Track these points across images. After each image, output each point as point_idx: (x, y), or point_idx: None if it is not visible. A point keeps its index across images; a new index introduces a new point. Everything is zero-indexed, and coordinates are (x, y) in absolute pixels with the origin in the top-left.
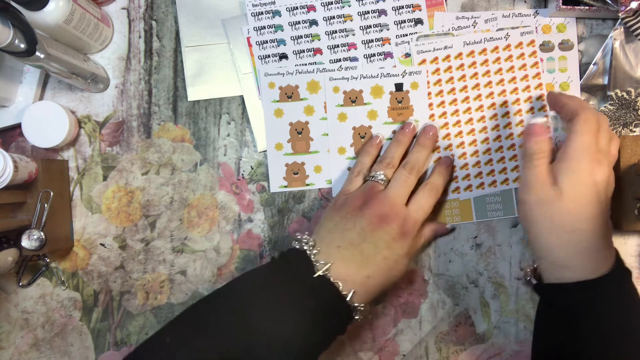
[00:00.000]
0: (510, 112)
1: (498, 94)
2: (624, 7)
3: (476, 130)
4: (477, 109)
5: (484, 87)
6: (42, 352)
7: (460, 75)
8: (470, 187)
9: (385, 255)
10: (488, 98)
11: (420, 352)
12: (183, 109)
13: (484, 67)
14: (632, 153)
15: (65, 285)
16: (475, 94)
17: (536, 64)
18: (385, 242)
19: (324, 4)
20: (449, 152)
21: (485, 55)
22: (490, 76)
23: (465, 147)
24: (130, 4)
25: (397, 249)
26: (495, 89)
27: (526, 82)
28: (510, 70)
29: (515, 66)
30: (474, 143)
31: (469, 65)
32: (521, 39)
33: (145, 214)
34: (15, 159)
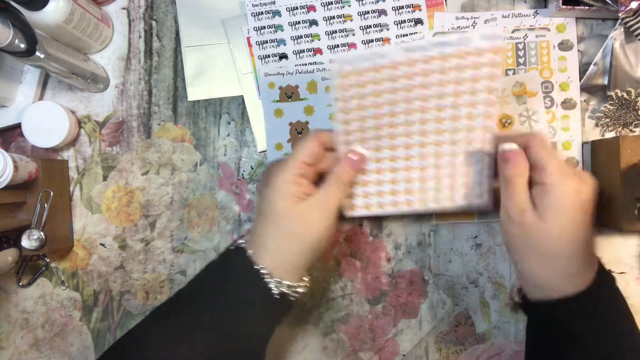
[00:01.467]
0: (445, 131)
1: (435, 109)
2: (624, 7)
3: (399, 147)
4: (404, 124)
5: (419, 101)
6: (42, 352)
7: (391, 87)
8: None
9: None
10: (421, 113)
11: (420, 352)
12: (183, 109)
13: (423, 78)
14: (632, 153)
15: (65, 285)
16: (402, 107)
17: (493, 77)
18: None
19: (324, 4)
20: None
21: (428, 64)
22: (429, 89)
23: (382, 163)
24: (130, 4)
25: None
26: (430, 103)
27: (472, 97)
28: (457, 83)
29: (466, 78)
30: (394, 160)
31: (405, 77)
32: (482, 44)
33: (145, 214)
34: (15, 159)
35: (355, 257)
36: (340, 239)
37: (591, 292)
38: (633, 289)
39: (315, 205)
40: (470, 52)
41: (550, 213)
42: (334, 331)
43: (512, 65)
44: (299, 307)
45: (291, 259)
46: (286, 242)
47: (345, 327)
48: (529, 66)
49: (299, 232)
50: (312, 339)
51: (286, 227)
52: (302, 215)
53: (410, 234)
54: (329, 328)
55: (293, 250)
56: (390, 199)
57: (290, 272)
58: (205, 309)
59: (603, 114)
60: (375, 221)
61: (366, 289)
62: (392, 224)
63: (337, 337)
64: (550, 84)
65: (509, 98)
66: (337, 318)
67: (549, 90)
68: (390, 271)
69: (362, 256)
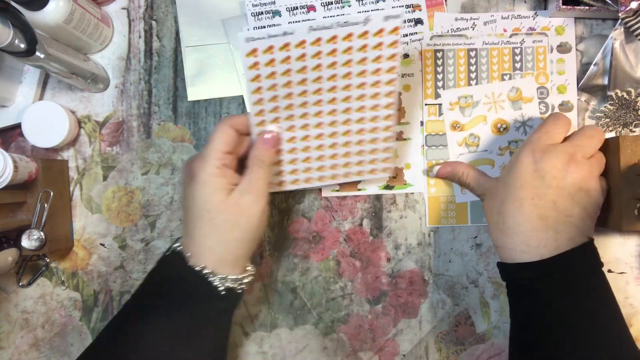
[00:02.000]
0: (351, 109)
1: (342, 88)
2: (624, 7)
3: (310, 126)
4: (315, 104)
5: (327, 81)
6: (42, 352)
7: (300, 67)
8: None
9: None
10: (330, 92)
11: (420, 352)
12: (183, 109)
13: (331, 57)
14: (632, 153)
15: (65, 285)
16: (314, 87)
17: (393, 56)
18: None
19: (324, 4)
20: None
21: (335, 43)
22: (337, 68)
23: (296, 142)
24: (130, 4)
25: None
26: (340, 82)
27: (376, 77)
28: (361, 62)
29: (369, 58)
30: (306, 139)
31: (312, 56)
32: (384, 24)
33: (145, 214)
34: (15, 159)
35: (355, 257)
36: (340, 239)
37: (571, 258)
38: (633, 289)
39: (244, 192)
40: (373, 32)
41: (501, 181)
42: (334, 331)
43: (508, 70)
44: (299, 307)
45: (232, 251)
46: (224, 236)
47: (345, 327)
48: (524, 71)
49: (235, 223)
50: (312, 339)
51: (222, 221)
52: (234, 206)
53: (411, 234)
54: (329, 328)
55: (233, 242)
56: (304, 176)
57: (233, 264)
58: (155, 319)
59: (603, 114)
60: (375, 221)
61: (366, 289)
62: (392, 224)
63: (337, 337)
64: (545, 90)
65: (504, 103)
66: (337, 318)
67: (544, 96)
68: (390, 271)
69: (362, 256)
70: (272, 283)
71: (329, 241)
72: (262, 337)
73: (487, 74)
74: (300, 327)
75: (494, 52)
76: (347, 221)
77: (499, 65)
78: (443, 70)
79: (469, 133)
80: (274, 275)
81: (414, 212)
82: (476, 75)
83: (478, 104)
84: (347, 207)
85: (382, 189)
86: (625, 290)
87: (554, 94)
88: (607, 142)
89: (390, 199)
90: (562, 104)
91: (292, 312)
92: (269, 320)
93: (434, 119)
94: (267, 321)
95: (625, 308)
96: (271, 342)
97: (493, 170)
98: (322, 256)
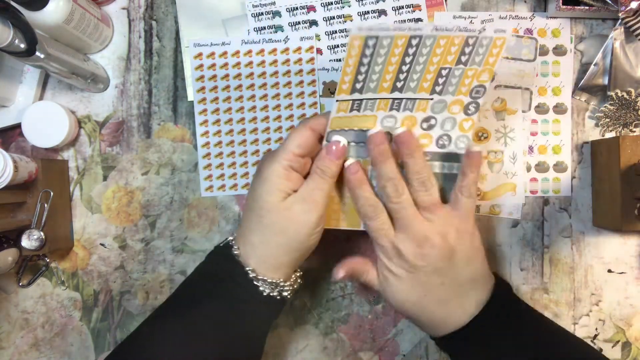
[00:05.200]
0: (282, 117)
1: (272, 97)
2: (624, 7)
3: (247, 131)
4: (250, 110)
5: (258, 89)
6: (42, 352)
7: (236, 73)
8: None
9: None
10: (262, 100)
11: (420, 352)
12: (183, 109)
13: (260, 68)
14: (632, 153)
15: (65, 285)
16: (249, 94)
17: (312, 71)
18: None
19: (324, 5)
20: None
21: (263, 56)
22: (266, 78)
23: (234, 146)
24: (130, 4)
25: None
26: (270, 91)
27: (300, 89)
28: (286, 74)
29: (292, 71)
30: (243, 143)
31: (245, 65)
32: (301, 43)
33: (145, 214)
34: (15, 159)
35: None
36: (340, 239)
37: (494, 312)
38: (633, 289)
39: (299, 199)
40: (293, 49)
41: (386, 286)
42: (334, 331)
43: (450, 64)
44: (299, 307)
45: (275, 255)
46: (270, 238)
47: (345, 327)
48: (469, 66)
49: (283, 228)
50: (312, 339)
51: (271, 222)
52: (286, 211)
53: None
54: (329, 328)
55: (277, 246)
56: (243, 181)
57: (275, 269)
58: (198, 315)
59: (603, 114)
60: None
61: (366, 289)
62: None
63: (337, 337)
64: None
65: (488, 112)
66: (337, 318)
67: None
68: None
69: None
70: None
71: (329, 241)
72: None
73: (416, 83)
74: (300, 327)
75: (442, 41)
76: None
77: (442, 57)
78: (370, 62)
79: None
80: None
81: None
82: (405, 77)
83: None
84: None
85: None
86: (625, 290)
87: (549, 95)
88: (607, 142)
89: None
90: (557, 105)
91: (292, 312)
92: None
93: (343, 115)
94: None
95: (626, 308)
96: (271, 342)
97: None
98: (322, 256)
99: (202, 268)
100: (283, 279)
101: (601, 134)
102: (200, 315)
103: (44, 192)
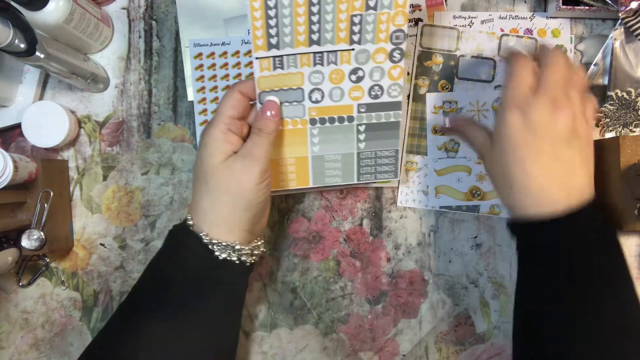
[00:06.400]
0: None
1: None
2: (624, 7)
3: None
4: None
5: None
6: (42, 352)
7: (236, 73)
8: None
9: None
10: None
11: (420, 352)
12: (183, 109)
13: None
14: (632, 153)
15: (65, 285)
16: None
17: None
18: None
19: None
20: None
21: None
22: None
23: None
24: (130, 4)
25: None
26: None
27: None
28: None
29: None
30: None
31: (245, 65)
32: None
33: (145, 214)
34: (15, 159)
35: (355, 257)
36: (340, 239)
37: (560, 219)
38: None
39: (239, 157)
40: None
41: (496, 144)
42: (334, 331)
43: (344, 41)
44: (299, 307)
45: (224, 216)
46: (217, 199)
47: (345, 327)
48: (363, 44)
49: (227, 186)
50: (312, 339)
51: (215, 183)
52: (228, 169)
53: (411, 234)
54: (329, 328)
55: (225, 206)
56: None
57: (229, 231)
58: (165, 295)
59: (603, 114)
60: (375, 221)
61: (366, 289)
62: (392, 224)
63: (337, 337)
64: None
65: (488, 112)
66: (337, 318)
67: None
68: (390, 271)
69: (362, 256)
70: (272, 283)
71: (329, 241)
72: (262, 337)
73: (332, 34)
74: (300, 327)
75: (342, 5)
76: (347, 221)
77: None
78: (277, 15)
79: (449, 138)
80: (274, 275)
81: (413, 212)
82: (319, 28)
83: (462, 110)
84: (347, 207)
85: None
86: None
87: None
88: (607, 142)
89: (390, 199)
90: None
91: (292, 312)
92: (269, 320)
93: (268, 74)
94: (267, 321)
95: None
96: (271, 342)
97: (469, 178)
98: (322, 256)
99: (162, 248)
100: (239, 241)
101: (601, 134)
102: (163, 292)
103: (44, 192)
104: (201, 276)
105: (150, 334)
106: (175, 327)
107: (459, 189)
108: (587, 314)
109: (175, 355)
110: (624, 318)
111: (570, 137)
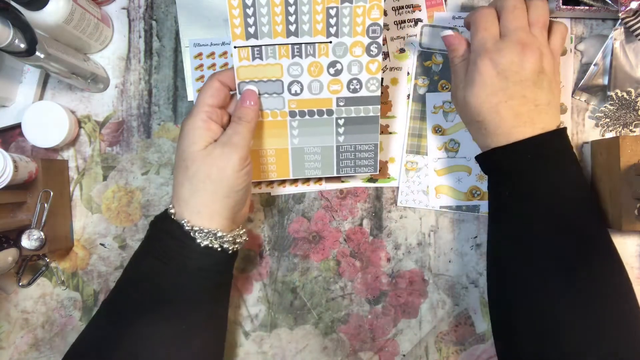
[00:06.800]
0: None
1: None
2: (624, 7)
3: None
4: None
5: None
6: (42, 352)
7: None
8: None
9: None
10: None
11: (420, 352)
12: (183, 109)
13: None
14: (632, 153)
15: (65, 285)
16: None
17: None
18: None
19: None
20: None
21: None
22: None
23: None
24: (130, 4)
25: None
26: None
27: None
28: None
29: None
30: None
31: None
32: None
33: (145, 214)
34: (15, 159)
35: (355, 257)
36: (340, 239)
37: (524, 143)
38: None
39: (219, 145)
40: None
41: (469, 87)
42: (334, 331)
43: (322, 33)
44: (299, 307)
45: (205, 204)
46: (197, 187)
47: (345, 327)
48: (340, 37)
49: (207, 173)
50: (312, 339)
51: (195, 171)
52: (207, 156)
53: (411, 234)
54: (329, 328)
55: (205, 194)
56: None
57: (210, 218)
58: (152, 284)
59: (603, 114)
60: (375, 221)
61: (366, 289)
62: (392, 224)
63: (337, 337)
64: None
65: None
66: (337, 318)
67: None
68: (390, 271)
69: (362, 256)
70: (272, 283)
71: (329, 241)
72: (262, 337)
73: (309, 25)
74: (300, 327)
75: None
76: (347, 221)
77: (323, 24)
78: (254, 4)
79: (449, 138)
80: (274, 275)
81: (413, 212)
82: (296, 19)
83: None
84: (347, 207)
85: (365, 182)
86: None
87: None
88: (607, 142)
89: (390, 199)
90: None
91: (292, 312)
92: (269, 320)
93: (247, 64)
94: (267, 321)
95: None
96: (271, 342)
97: (469, 178)
98: (322, 256)
99: (144, 239)
100: (220, 228)
101: (601, 134)
102: (145, 285)
103: (44, 192)
104: (184, 265)
105: (139, 331)
106: (160, 320)
107: (459, 189)
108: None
109: (160, 346)
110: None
111: (537, 78)
